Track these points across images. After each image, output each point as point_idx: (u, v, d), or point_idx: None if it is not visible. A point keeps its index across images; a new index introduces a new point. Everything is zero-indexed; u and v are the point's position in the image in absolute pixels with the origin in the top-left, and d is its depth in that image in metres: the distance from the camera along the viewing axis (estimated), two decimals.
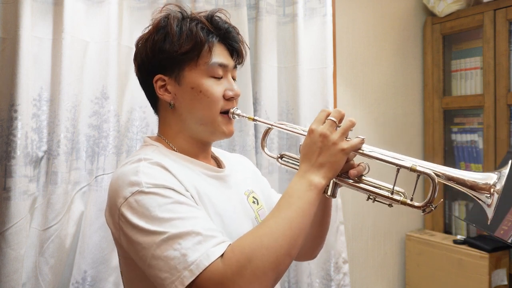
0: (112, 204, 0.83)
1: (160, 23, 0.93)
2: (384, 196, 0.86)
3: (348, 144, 0.84)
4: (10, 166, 1.29)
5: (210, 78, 0.92)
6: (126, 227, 0.79)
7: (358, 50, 2.21)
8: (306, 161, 0.85)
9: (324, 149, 0.83)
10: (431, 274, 2.18)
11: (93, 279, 1.43)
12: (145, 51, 0.93)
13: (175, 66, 0.92)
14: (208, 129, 0.94)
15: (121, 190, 0.81)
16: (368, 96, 2.26)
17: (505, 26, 2.04)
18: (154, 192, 0.78)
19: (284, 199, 0.81)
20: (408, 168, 0.84)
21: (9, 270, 1.27)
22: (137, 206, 0.77)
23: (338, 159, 0.83)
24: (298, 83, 1.81)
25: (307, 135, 0.87)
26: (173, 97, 0.94)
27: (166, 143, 0.97)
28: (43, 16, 1.41)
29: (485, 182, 0.82)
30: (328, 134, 0.84)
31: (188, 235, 0.73)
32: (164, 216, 0.75)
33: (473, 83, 2.25)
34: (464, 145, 2.29)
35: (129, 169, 0.83)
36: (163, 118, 0.99)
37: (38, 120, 1.39)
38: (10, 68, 1.31)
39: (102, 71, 1.48)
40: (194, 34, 0.90)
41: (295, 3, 1.83)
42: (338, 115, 0.86)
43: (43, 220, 1.37)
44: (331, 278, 1.85)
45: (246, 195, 1.02)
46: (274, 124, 0.98)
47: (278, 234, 0.75)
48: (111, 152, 1.48)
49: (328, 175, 0.83)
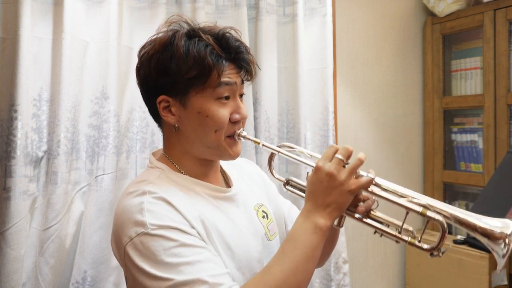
0: (117, 238, 0.83)
1: (167, 41, 0.88)
2: (392, 235, 0.85)
3: (356, 184, 0.81)
4: (10, 166, 1.29)
5: (216, 101, 0.89)
6: (131, 267, 0.79)
7: (358, 50, 2.21)
8: (312, 200, 0.83)
9: (330, 189, 0.81)
10: (431, 274, 2.18)
11: (93, 279, 1.43)
12: (149, 69, 0.89)
13: (180, 89, 0.88)
14: (214, 152, 0.92)
15: (126, 228, 0.80)
16: (368, 96, 2.26)
17: (505, 26, 2.04)
18: (160, 235, 0.77)
19: (289, 243, 0.80)
20: (418, 212, 0.82)
21: (9, 270, 1.27)
22: (142, 248, 0.77)
23: (345, 200, 0.82)
24: (298, 83, 1.81)
25: (313, 172, 0.84)
26: (178, 119, 0.91)
27: (172, 164, 0.94)
28: (43, 16, 1.41)
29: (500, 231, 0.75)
30: (335, 173, 0.81)
31: (194, 283, 0.73)
32: (170, 261, 0.75)
33: (473, 83, 2.25)
34: (464, 145, 2.29)
35: (133, 204, 0.82)
36: (167, 138, 0.97)
37: (38, 120, 1.39)
38: (10, 68, 1.31)
39: (102, 71, 1.48)
40: (202, 58, 0.85)
41: (295, 3, 1.83)
42: (345, 152, 0.83)
43: (43, 220, 1.37)
44: (331, 278, 1.85)
45: (255, 210, 1.00)
46: (281, 151, 0.95)
47: (283, 283, 0.75)
48: (111, 152, 1.48)
49: (333, 215, 0.82)
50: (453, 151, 2.34)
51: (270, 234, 1.00)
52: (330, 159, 0.83)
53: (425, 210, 0.81)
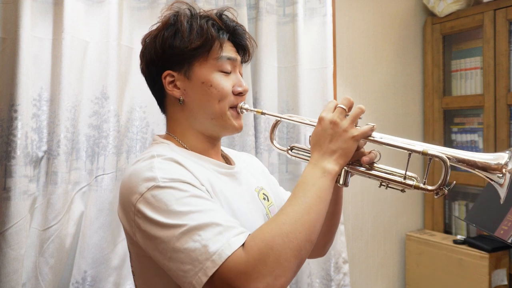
0: (126, 201, 0.83)
1: (170, 20, 0.93)
2: (397, 182, 0.86)
3: (359, 131, 0.85)
4: (10, 166, 1.29)
5: (219, 72, 0.93)
6: (143, 222, 0.78)
7: (358, 50, 2.21)
8: (318, 149, 0.85)
9: (335, 136, 0.84)
10: (431, 274, 2.18)
11: (93, 279, 1.43)
12: (154, 47, 0.93)
13: (184, 61, 0.92)
14: (219, 123, 0.94)
15: (136, 187, 0.80)
16: (368, 96, 2.26)
17: (505, 26, 2.04)
18: (171, 186, 0.78)
19: (299, 187, 0.81)
20: (420, 152, 0.84)
21: (9, 270, 1.27)
22: (154, 201, 0.77)
23: (349, 146, 0.85)
24: (298, 83, 1.82)
25: (317, 123, 0.87)
26: (183, 92, 0.93)
27: (176, 140, 0.96)
28: (43, 16, 1.41)
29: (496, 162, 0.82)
30: (338, 121, 0.85)
31: (208, 226, 0.73)
32: (182, 209, 0.75)
33: (473, 83, 2.25)
34: (464, 145, 2.29)
35: (142, 165, 0.83)
36: (171, 115, 0.98)
37: (38, 120, 1.39)
38: (10, 68, 1.31)
39: (102, 71, 1.48)
40: (205, 30, 0.91)
41: (295, 3, 1.83)
42: (347, 102, 0.87)
43: (43, 220, 1.37)
44: (331, 278, 1.85)
45: (256, 191, 1.01)
46: (283, 117, 0.98)
47: (297, 220, 0.76)
48: (111, 152, 1.48)
49: (340, 161, 0.84)
50: None
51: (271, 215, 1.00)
52: (332, 110, 0.87)
53: (426, 150, 0.83)
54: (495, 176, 0.82)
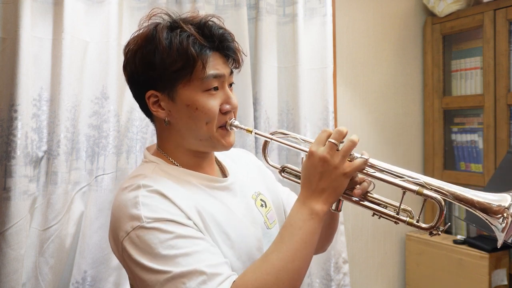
0: (114, 233, 0.83)
1: (149, 34, 0.87)
2: (390, 216, 0.85)
3: (350, 167, 0.81)
4: (10, 166, 1.29)
5: (205, 92, 0.87)
6: (129, 262, 0.79)
7: (358, 50, 2.21)
8: (307, 186, 0.82)
9: (325, 174, 0.80)
10: (431, 274, 2.18)
11: (93, 279, 1.43)
12: (135, 65, 0.89)
13: (167, 82, 0.87)
14: (207, 143, 0.91)
15: (122, 223, 0.80)
16: (368, 96, 2.26)
17: (505, 26, 2.04)
18: (155, 228, 0.77)
19: (286, 230, 0.80)
20: (415, 191, 0.80)
21: (9, 270, 1.27)
22: (139, 242, 0.77)
23: (340, 183, 0.81)
24: (298, 83, 1.82)
25: (307, 157, 0.83)
26: (168, 113, 0.89)
27: (166, 157, 0.93)
28: (43, 16, 1.41)
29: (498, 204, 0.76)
30: (329, 158, 0.80)
31: (192, 275, 0.73)
32: (167, 253, 0.75)
33: (473, 83, 2.25)
34: (464, 145, 2.29)
35: (128, 199, 0.81)
36: (159, 132, 0.96)
37: (38, 120, 1.39)
38: (10, 68, 1.32)
39: (102, 71, 1.48)
40: (185, 49, 0.84)
41: (295, 3, 1.83)
42: (338, 136, 0.82)
43: (43, 220, 1.37)
44: (331, 278, 1.85)
45: (253, 198, 0.99)
46: (273, 138, 0.94)
47: (281, 270, 0.75)
48: (111, 152, 1.48)
49: (329, 200, 0.82)
50: (453, 151, 2.34)
51: (269, 222, 0.99)
52: (323, 144, 0.82)
53: (421, 189, 0.80)
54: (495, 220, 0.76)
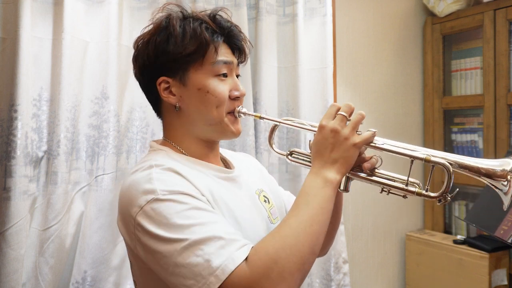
0: (125, 213, 0.81)
1: (162, 24, 0.90)
2: (399, 188, 0.85)
3: (360, 138, 0.84)
4: (10, 166, 1.29)
5: (215, 77, 0.90)
6: (143, 236, 0.77)
7: (358, 50, 2.21)
8: (319, 158, 0.84)
9: (336, 145, 0.83)
10: (431, 274, 2.18)
11: (93, 279, 1.43)
12: (147, 53, 0.90)
13: (179, 67, 0.89)
14: (217, 129, 0.92)
15: (135, 199, 0.79)
16: (368, 96, 2.26)
17: (505, 26, 2.04)
18: (171, 199, 0.76)
19: (302, 198, 0.81)
20: (422, 159, 0.82)
21: (9, 270, 1.27)
22: (154, 214, 0.76)
23: (351, 154, 0.83)
24: (298, 83, 1.82)
25: (317, 131, 0.86)
26: (179, 99, 0.91)
27: (174, 146, 0.94)
28: (43, 16, 1.41)
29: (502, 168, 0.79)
30: (339, 129, 0.83)
31: (210, 240, 0.72)
32: (183, 223, 0.74)
33: (473, 83, 2.25)
34: (464, 145, 2.29)
35: (141, 176, 0.81)
36: (168, 121, 0.97)
37: (38, 120, 1.39)
38: (10, 68, 1.31)
39: (102, 71, 1.48)
40: (199, 35, 0.88)
41: (295, 3, 1.83)
42: (348, 109, 0.85)
43: (43, 220, 1.37)
44: (331, 278, 1.85)
45: (257, 194, 1.00)
46: (282, 121, 0.96)
47: (300, 233, 0.75)
48: (111, 152, 1.48)
49: (341, 170, 0.83)
50: (453, 151, 2.34)
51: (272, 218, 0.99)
52: (333, 117, 0.85)
53: (428, 156, 0.81)
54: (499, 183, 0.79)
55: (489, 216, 1.52)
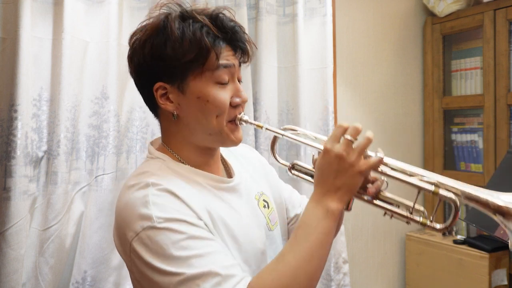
0: (121, 234, 0.80)
1: (159, 24, 0.84)
2: (403, 216, 0.83)
3: (366, 164, 0.79)
4: (10, 166, 1.29)
5: (216, 84, 0.85)
6: (139, 263, 0.76)
7: (358, 50, 2.21)
8: (322, 184, 0.81)
9: (340, 172, 0.79)
10: (431, 274, 2.18)
11: (93, 279, 1.43)
12: (143, 55, 0.85)
13: (177, 74, 0.84)
14: (216, 138, 0.88)
15: (130, 223, 0.77)
16: (368, 96, 2.26)
17: (505, 26, 2.04)
18: (167, 228, 0.74)
19: (301, 229, 0.79)
20: (431, 191, 0.79)
21: (9, 270, 1.27)
22: (150, 243, 0.74)
23: (355, 181, 0.80)
24: (298, 83, 1.82)
25: (321, 154, 0.81)
26: (177, 107, 0.86)
27: (172, 154, 0.90)
28: (43, 16, 1.41)
29: None
30: (345, 155, 0.78)
31: (207, 276, 0.71)
32: (180, 254, 0.72)
33: (473, 83, 2.25)
34: (464, 145, 2.29)
35: (137, 197, 0.79)
36: (165, 127, 0.92)
37: (38, 120, 1.39)
38: (10, 68, 1.31)
39: (102, 71, 1.48)
40: (199, 40, 0.81)
41: (295, 3, 1.83)
42: (354, 132, 0.80)
43: (43, 220, 1.37)
44: (331, 278, 1.85)
45: (256, 199, 0.98)
46: (284, 134, 0.92)
47: (298, 271, 0.74)
48: (111, 152, 1.48)
49: (344, 198, 0.80)
50: (453, 151, 2.34)
51: (271, 224, 0.98)
52: (338, 140, 0.80)
53: (437, 189, 0.78)
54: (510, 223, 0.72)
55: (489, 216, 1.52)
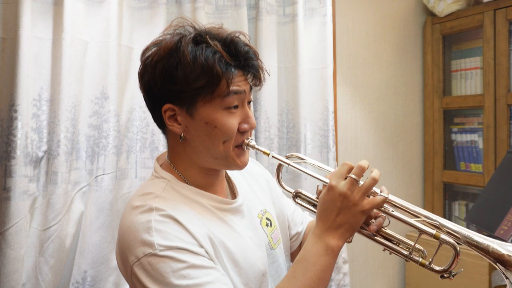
0: (123, 255, 0.81)
1: (172, 47, 0.84)
2: (403, 254, 0.85)
3: (370, 204, 0.81)
4: (10, 166, 1.29)
5: (225, 110, 0.85)
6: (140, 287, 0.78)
7: (358, 50, 2.21)
8: (324, 220, 0.82)
9: (343, 209, 0.80)
10: (431, 274, 2.17)
11: (93, 279, 1.43)
12: (154, 76, 0.85)
13: (187, 98, 0.84)
14: (222, 162, 0.89)
15: (133, 247, 0.78)
16: (368, 96, 2.26)
17: (505, 26, 2.04)
18: (168, 256, 0.76)
19: (300, 264, 0.80)
20: (432, 235, 0.81)
21: (9, 270, 1.27)
22: (150, 269, 0.76)
23: (358, 220, 0.81)
24: (298, 83, 1.81)
25: (326, 190, 0.83)
26: (184, 129, 0.87)
27: (177, 173, 0.92)
28: (43, 16, 1.41)
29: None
30: (349, 194, 0.80)
31: None
32: (179, 283, 0.74)
33: (473, 83, 2.25)
34: (464, 145, 2.29)
35: (141, 222, 0.80)
36: (172, 146, 0.93)
37: (38, 120, 1.39)
38: (10, 68, 1.31)
39: (102, 71, 1.48)
40: (210, 67, 0.82)
41: (295, 3, 1.83)
42: (360, 171, 0.81)
43: (43, 220, 1.37)
44: (331, 278, 1.85)
45: (259, 218, 0.99)
46: (290, 164, 0.92)
47: None
48: (111, 152, 1.48)
49: (345, 235, 0.81)
50: (453, 151, 2.34)
51: (273, 243, 0.99)
52: (343, 177, 0.81)
53: (438, 233, 0.81)
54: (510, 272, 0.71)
55: (489, 216, 1.52)
